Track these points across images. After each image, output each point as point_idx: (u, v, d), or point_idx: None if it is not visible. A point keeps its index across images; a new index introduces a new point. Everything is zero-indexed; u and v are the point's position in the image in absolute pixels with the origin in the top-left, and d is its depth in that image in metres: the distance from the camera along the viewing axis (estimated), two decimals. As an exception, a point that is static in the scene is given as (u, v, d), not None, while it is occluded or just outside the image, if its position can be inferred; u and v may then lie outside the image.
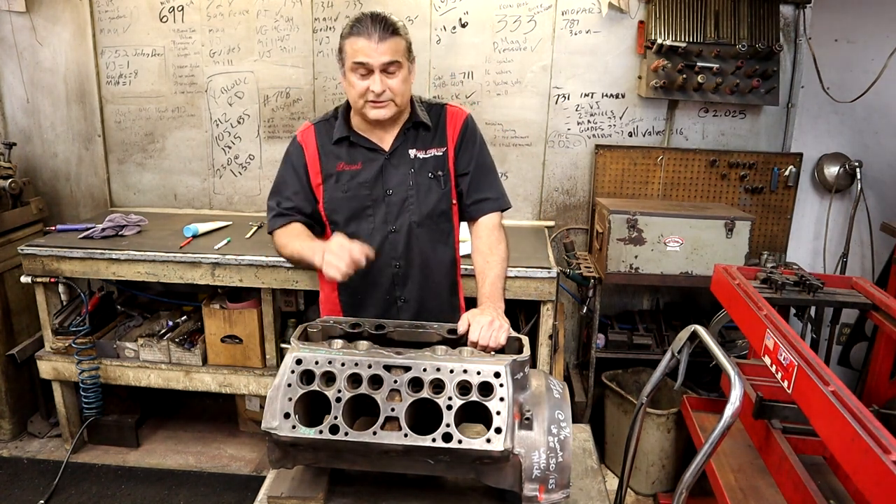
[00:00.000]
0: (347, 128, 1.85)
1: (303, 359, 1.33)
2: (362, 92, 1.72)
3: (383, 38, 1.67)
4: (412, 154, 1.86)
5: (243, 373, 3.09)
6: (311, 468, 1.45)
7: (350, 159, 1.85)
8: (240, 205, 3.73)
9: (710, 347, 1.47)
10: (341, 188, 1.85)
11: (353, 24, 1.70)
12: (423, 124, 1.87)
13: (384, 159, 1.85)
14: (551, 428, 1.31)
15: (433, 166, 1.87)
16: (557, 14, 3.31)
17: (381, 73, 1.69)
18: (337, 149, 1.85)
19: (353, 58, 1.69)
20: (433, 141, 1.88)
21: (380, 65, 1.68)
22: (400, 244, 1.87)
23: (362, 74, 1.71)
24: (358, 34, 1.68)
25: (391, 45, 1.68)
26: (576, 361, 3.70)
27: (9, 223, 3.31)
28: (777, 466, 2.00)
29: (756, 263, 3.03)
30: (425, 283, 1.92)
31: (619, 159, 3.40)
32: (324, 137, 1.87)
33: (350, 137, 1.84)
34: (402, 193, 1.84)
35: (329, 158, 1.85)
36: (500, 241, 1.88)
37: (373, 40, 1.66)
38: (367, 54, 1.67)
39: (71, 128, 3.69)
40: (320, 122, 1.90)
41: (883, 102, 3.36)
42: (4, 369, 3.28)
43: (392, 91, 1.72)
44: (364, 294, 1.93)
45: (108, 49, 3.56)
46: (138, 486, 3.04)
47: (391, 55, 1.68)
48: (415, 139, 1.87)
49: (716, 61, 3.19)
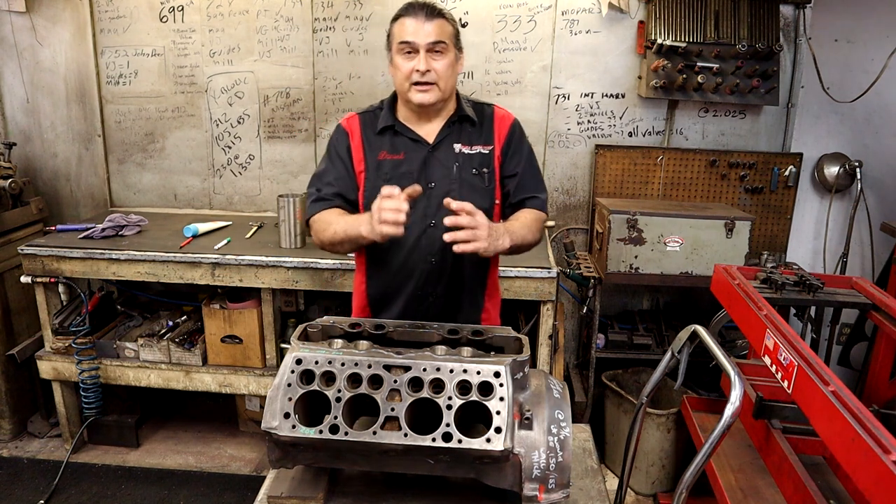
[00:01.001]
0: (393, 117, 1.84)
1: (303, 359, 1.33)
2: (407, 73, 1.72)
3: (430, 18, 1.69)
4: (457, 148, 1.83)
5: (243, 373, 3.09)
6: (311, 468, 1.45)
7: (393, 149, 1.82)
8: (240, 205, 3.73)
9: (710, 347, 1.47)
10: (382, 177, 1.81)
11: (402, 8, 1.73)
12: (469, 119, 1.84)
13: (427, 151, 1.82)
14: (551, 428, 1.31)
15: (478, 163, 1.84)
16: (557, 14, 3.31)
17: (427, 53, 1.70)
18: (381, 138, 1.83)
19: (400, 37, 1.71)
20: (479, 137, 1.85)
21: (426, 44, 1.69)
22: (438, 239, 1.80)
23: (408, 53, 1.71)
24: (405, 15, 1.71)
25: (438, 25, 1.70)
26: (576, 361, 3.70)
27: (9, 223, 3.31)
28: (777, 466, 2.00)
29: (756, 263, 3.03)
30: (459, 282, 1.89)
31: (619, 159, 3.40)
32: (368, 127, 1.85)
33: (395, 127, 1.83)
34: (444, 187, 1.81)
35: (372, 147, 1.83)
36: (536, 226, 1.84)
37: (419, 20, 1.69)
38: (413, 33, 1.69)
39: (71, 128, 3.70)
40: (366, 112, 1.89)
41: (883, 102, 3.36)
42: (4, 369, 3.28)
43: (437, 73, 1.71)
44: (396, 287, 1.89)
45: (108, 49, 3.56)
46: (138, 486, 3.04)
47: (437, 35, 1.69)
48: (459, 133, 1.84)
49: (716, 61, 3.20)
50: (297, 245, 3.02)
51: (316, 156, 3.61)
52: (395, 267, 1.85)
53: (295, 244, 3.02)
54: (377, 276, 1.91)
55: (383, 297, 1.92)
